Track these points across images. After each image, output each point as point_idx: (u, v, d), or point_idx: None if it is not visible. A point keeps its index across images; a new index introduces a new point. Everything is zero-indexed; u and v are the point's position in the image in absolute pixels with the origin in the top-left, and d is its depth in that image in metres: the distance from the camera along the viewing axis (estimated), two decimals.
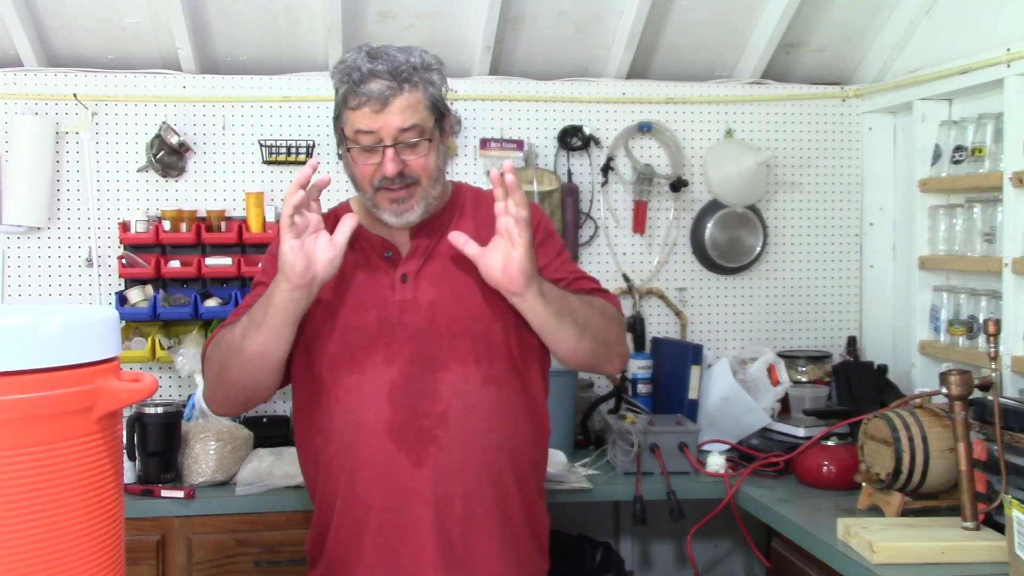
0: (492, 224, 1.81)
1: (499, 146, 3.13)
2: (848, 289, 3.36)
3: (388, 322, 1.77)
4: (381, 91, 1.69)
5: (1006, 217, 2.51)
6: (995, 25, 2.66)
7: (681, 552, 3.24)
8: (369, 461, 1.74)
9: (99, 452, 1.03)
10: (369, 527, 1.74)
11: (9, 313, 1.00)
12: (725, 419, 2.86)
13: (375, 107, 1.69)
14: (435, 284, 1.80)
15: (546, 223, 1.93)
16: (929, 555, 1.91)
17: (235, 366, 1.75)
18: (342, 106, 1.74)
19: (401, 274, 1.80)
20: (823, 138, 3.32)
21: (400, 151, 1.72)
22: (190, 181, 3.04)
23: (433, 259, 1.82)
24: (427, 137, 1.74)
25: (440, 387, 1.74)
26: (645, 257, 3.25)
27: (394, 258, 1.82)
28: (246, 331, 1.73)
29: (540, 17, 3.02)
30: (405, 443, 1.73)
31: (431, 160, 1.76)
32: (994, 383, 2.04)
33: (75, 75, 2.98)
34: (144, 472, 2.51)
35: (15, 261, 2.96)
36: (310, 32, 3.00)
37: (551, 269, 1.85)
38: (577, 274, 1.91)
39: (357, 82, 1.70)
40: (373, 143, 1.72)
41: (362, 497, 1.75)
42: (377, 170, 1.73)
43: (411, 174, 1.74)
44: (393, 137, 1.71)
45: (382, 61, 1.71)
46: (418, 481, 1.72)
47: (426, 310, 1.78)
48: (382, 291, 1.80)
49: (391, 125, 1.70)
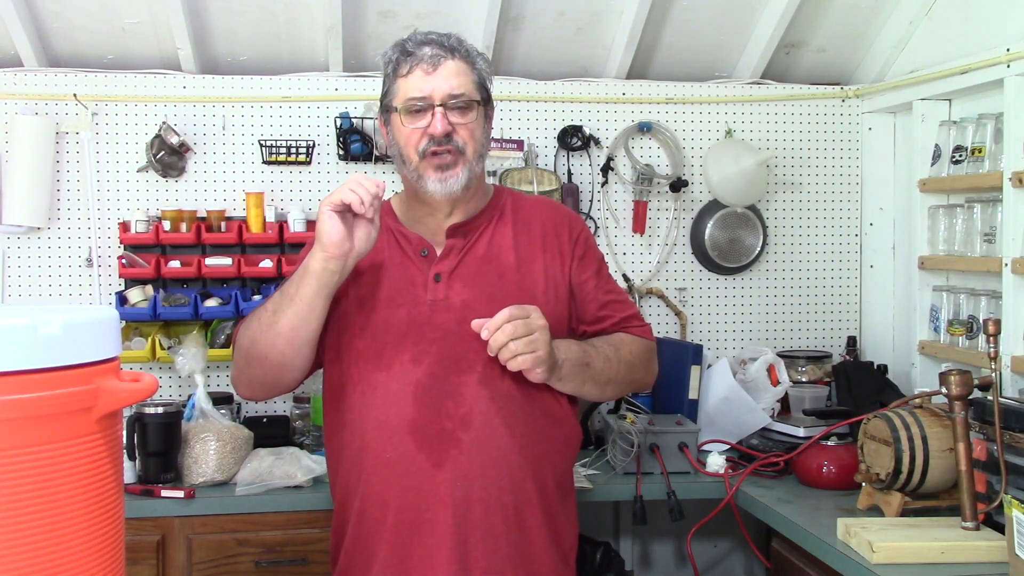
0: (530, 230, 1.87)
1: (499, 146, 3.13)
2: (848, 289, 3.36)
3: (418, 321, 1.77)
4: (434, 53, 1.75)
5: (1006, 217, 2.51)
6: (995, 25, 2.66)
7: (681, 552, 3.24)
8: (390, 459, 1.74)
9: (99, 452, 1.03)
10: (387, 525, 1.74)
11: (9, 313, 1.00)
12: (725, 419, 2.86)
13: (427, 68, 1.74)
14: (468, 285, 1.80)
15: (586, 236, 1.95)
16: (929, 555, 1.91)
17: (265, 342, 1.74)
18: (392, 77, 1.78)
19: (435, 273, 1.80)
20: (823, 138, 3.32)
21: (449, 114, 1.75)
22: (190, 181, 3.04)
23: (468, 260, 1.82)
24: (477, 102, 1.77)
25: (464, 389, 1.74)
26: (645, 257, 3.25)
27: (429, 256, 1.82)
28: (278, 305, 1.73)
29: (540, 17, 3.02)
30: (426, 443, 1.72)
31: (478, 131, 1.79)
32: (994, 383, 2.04)
33: (75, 75, 2.98)
34: (144, 472, 2.50)
35: (15, 261, 2.96)
36: (310, 32, 3.00)
37: (587, 288, 1.88)
38: (612, 296, 1.93)
39: (409, 50, 1.76)
40: (424, 106, 1.75)
41: (380, 495, 1.75)
42: (424, 134, 1.75)
43: (458, 139, 1.76)
44: (443, 99, 1.74)
45: (432, 36, 1.78)
46: (437, 482, 1.72)
47: (457, 311, 1.77)
48: (415, 289, 1.80)
49: (442, 88, 1.74)
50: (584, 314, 1.89)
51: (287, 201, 3.05)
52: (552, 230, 1.89)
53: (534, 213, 1.91)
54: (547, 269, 1.85)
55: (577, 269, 1.89)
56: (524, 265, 1.84)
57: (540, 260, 1.85)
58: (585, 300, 1.89)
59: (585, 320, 1.90)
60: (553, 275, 1.85)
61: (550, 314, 1.77)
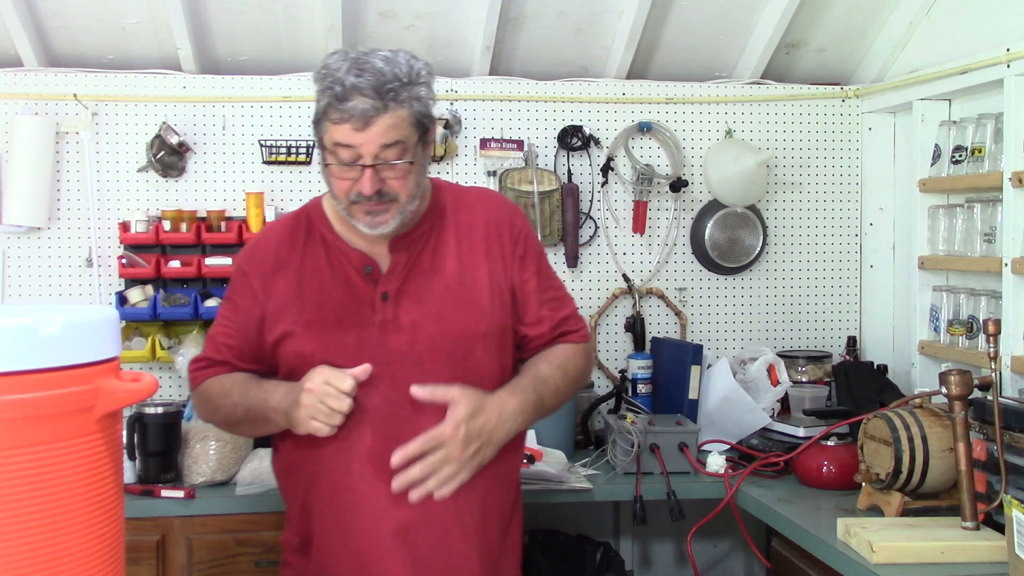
0: (472, 235, 1.83)
1: (499, 146, 3.13)
2: (848, 289, 3.36)
3: (369, 344, 1.74)
4: (364, 110, 1.62)
5: (1006, 217, 2.51)
6: (995, 25, 2.66)
7: (681, 552, 3.24)
8: (349, 486, 1.73)
9: (99, 452, 1.03)
10: (349, 548, 1.74)
11: (9, 313, 1.00)
12: (725, 419, 2.86)
13: (357, 125, 1.62)
14: (416, 303, 1.76)
15: (526, 232, 1.89)
16: (929, 555, 1.91)
17: (226, 425, 1.94)
18: (322, 115, 1.68)
19: (382, 292, 1.76)
20: (823, 138, 3.32)
21: (380, 170, 1.67)
22: (190, 181, 3.03)
23: (414, 276, 1.78)
24: (409, 159, 1.69)
25: (421, 416, 1.71)
26: (645, 257, 3.25)
27: (374, 274, 1.78)
28: (238, 420, 1.83)
29: (540, 17, 3.02)
30: (386, 471, 1.70)
31: (411, 180, 1.71)
32: (994, 383, 2.04)
33: (75, 75, 2.98)
34: (144, 472, 2.50)
35: (15, 261, 2.96)
36: (310, 32, 3.00)
37: (528, 288, 1.85)
38: (552, 292, 1.89)
39: (340, 97, 1.62)
40: (352, 159, 1.66)
41: (341, 519, 1.74)
42: (354, 185, 1.68)
43: (389, 192, 1.69)
44: (374, 156, 1.65)
45: (367, 75, 1.63)
46: (399, 509, 1.71)
47: (408, 332, 1.74)
48: (362, 309, 1.76)
49: (372, 143, 1.64)
50: (526, 314, 1.86)
51: (287, 201, 3.05)
52: (494, 232, 1.85)
53: (475, 212, 1.86)
54: (492, 275, 1.82)
55: (519, 269, 1.85)
56: (468, 275, 1.80)
57: (484, 267, 1.82)
58: (527, 299, 1.85)
59: (526, 321, 1.86)
60: (497, 281, 1.82)
61: (497, 323, 1.79)
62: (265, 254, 1.83)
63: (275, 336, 1.78)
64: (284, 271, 1.80)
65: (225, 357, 1.83)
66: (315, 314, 1.77)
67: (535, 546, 2.81)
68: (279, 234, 1.85)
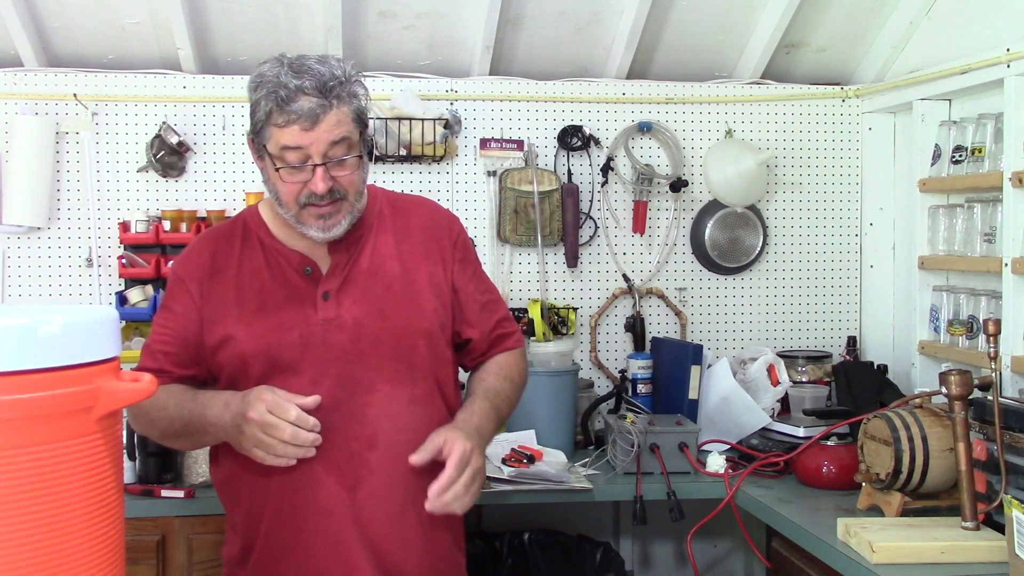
0: (410, 236, 1.85)
1: (499, 146, 3.13)
2: (848, 289, 3.36)
3: (312, 343, 1.75)
4: (311, 108, 1.65)
5: (1006, 217, 2.51)
6: (995, 25, 2.66)
7: (681, 552, 3.24)
8: (299, 486, 1.73)
9: (99, 452, 1.03)
10: (298, 548, 1.74)
11: (9, 313, 1.00)
12: (725, 419, 2.86)
13: (305, 125, 1.65)
14: (358, 301, 1.78)
15: (464, 238, 1.93)
16: (929, 555, 1.91)
17: (164, 441, 1.88)
18: (265, 122, 1.68)
19: (323, 292, 1.77)
20: (823, 138, 3.32)
21: (329, 168, 1.69)
22: (190, 181, 3.04)
23: (355, 276, 1.79)
24: (356, 153, 1.72)
25: (368, 409, 1.74)
26: (645, 257, 3.25)
27: (314, 275, 1.79)
28: (175, 433, 1.79)
29: (540, 17, 3.02)
30: (335, 467, 1.72)
31: (358, 175, 1.74)
32: (994, 383, 2.04)
33: (75, 75, 2.98)
34: (144, 472, 2.51)
35: (15, 261, 2.96)
36: (310, 32, 3.00)
37: (468, 291, 1.89)
38: (488, 295, 1.93)
39: (285, 99, 1.64)
40: (301, 160, 1.68)
41: (291, 519, 1.74)
42: (304, 188, 1.70)
43: (339, 189, 1.71)
44: (323, 154, 1.67)
45: (308, 76, 1.66)
46: (349, 503, 1.72)
47: (350, 329, 1.76)
48: (304, 309, 1.76)
49: (321, 142, 1.66)
50: (466, 315, 1.89)
51: None
52: (433, 235, 1.88)
53: (412, 216, 1.89)
54: (431, 276, 1.84)
55: (459, 271, 1.88)
56: (409, 275, 1.83)
57: (424, 267, 1.84)
58: (467, 302, 1.89)
59: (467, 321, 1.89)
60: (437, 282, 1.85)
61: (437, 322, 1.81)
62: (200, 259, 1.83)
63: (215, 340, 1.77)
64: (221, 274, 1.80)
65: (162, 365, 1.79)
66: (256, 315, 1.77)
67: (535, 546, 2.81)
68: (215, 239, 1.86)
